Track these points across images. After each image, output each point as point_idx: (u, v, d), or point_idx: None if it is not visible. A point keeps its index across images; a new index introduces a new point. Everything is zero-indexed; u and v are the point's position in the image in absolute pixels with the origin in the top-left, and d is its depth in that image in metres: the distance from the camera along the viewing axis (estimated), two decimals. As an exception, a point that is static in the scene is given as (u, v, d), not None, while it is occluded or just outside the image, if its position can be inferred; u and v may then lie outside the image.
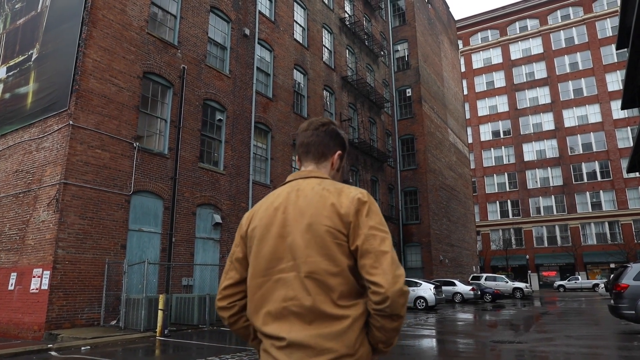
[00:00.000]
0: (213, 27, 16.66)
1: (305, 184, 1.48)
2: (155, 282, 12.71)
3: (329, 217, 1.36)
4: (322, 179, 1.51)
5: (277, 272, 1.38)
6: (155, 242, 13.04)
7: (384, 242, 1.33)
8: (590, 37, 53.89)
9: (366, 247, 1.31)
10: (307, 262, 1.34)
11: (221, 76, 16.52)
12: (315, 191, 1.43)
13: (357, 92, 26.31)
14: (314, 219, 1.37)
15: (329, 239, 1.34)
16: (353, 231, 1.34)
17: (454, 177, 35.99)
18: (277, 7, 20.32)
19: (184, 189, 14.22)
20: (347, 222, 1.35)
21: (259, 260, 1.42)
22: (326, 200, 1.39)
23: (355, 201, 1.37)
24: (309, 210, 1.39)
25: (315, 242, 1.34)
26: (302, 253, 1.35)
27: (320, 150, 1.57)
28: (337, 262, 1.33)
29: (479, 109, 59.27)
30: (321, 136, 1.58)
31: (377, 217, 1.38)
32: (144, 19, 13.75)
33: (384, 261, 1.29)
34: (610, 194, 48.96)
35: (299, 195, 1.44)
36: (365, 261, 1.30)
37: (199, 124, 15.20)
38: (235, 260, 1.53)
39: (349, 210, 1.36)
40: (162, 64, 14.15)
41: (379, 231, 1.34)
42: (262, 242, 1.43)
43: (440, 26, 38.65)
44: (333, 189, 1.44)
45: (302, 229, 1.37)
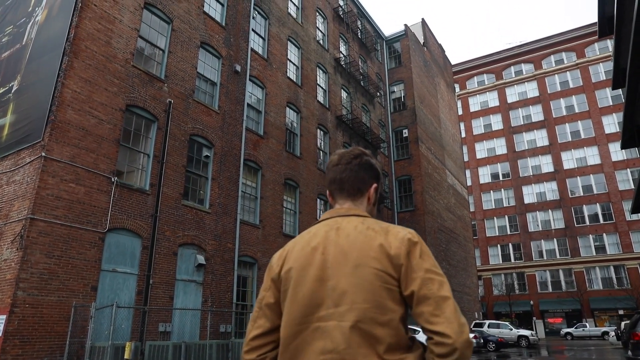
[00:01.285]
0: (203, 62, 16.40)
1: (345, 222, 1.37)
2: (129, 328, 11.69)
3: (377, 258, 1.25)
4: (364, 217, 1.40)
5: (316, 320, 1.25)
6: (130, 283, 12.12)
7: (442, 286, 1.23)
8: (585, 80, 54.52)
9: (424, 293, 1.20)
10: (353, 309, 1.20)
11: (209, 112, 16.09)
12: (359, 230, 1.32)
13: (352, 131, 25.97)
14: (361, 260, 1.25)
15: (378, 283, 1.22)
16: (406, 275, 1.23)
17: (453, 219, 35.15)
18: (270, 45, 20.24)
19: (165, 228, 13.42)
20: (397, 264, 1.24)
21: (295, 306, 1.29)
22: (373, 240, 1.29)
23: (405, 241, 1.28)
24: (354, 251, 1.27)
25: (362, 286, 1.22)
26: (347, 299, 1.22)
27: (356, 186, 1.47)
28: (386, 309, 1.21)
29: (477, 152, 59.16)
30: (355, 170, 1.47)
31: (430, 259, 1.29)
32: (130, 52, 13.43)
33: (446, 308, 1.19)
34: (614, 237, 47.88)
35: (340, 234, 1.33)
36: (424, 308, 1.19)
37: (184, 159, 14.61)
38: (265, 306, 1.40)
39: (400, 252, 1.26)
40: (147, 98, 13.72)
41: (436, 274, 1.25)
42: (299, 285, 1.30)
43: (437, 69, 39.00)
44: (379, 228, 1.34)
45: (347, 272, 1.25)
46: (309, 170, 21.08)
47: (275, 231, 18.06)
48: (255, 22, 19.64)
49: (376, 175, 1.54)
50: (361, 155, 1.52)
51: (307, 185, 20.65)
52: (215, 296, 14.70)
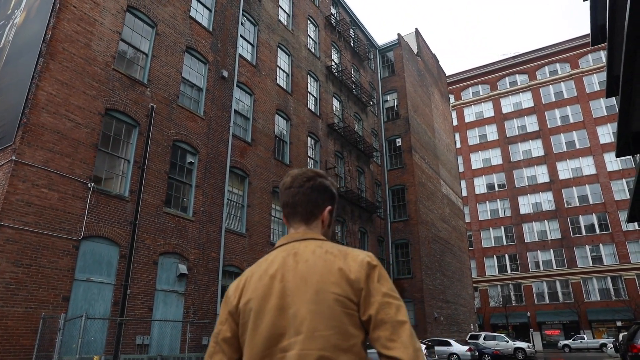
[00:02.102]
0: (188, 67, 16.08)
1: (303, 246, 1.33)
2: (103, 341, 11.16)
3: (337, 283, 1.22)
4: (321, 241, 1.37)
5: (279, 352, 1.20)
6: (106, 294, 11.61)
7: (399, 311, 1.21)
8: (579, 91, 54.58)
9: (381, 317, 1.19)
10: (315, 337, 1.17)
11: (194, 117, 15.72)
12: (317, 255, 1.29)
13: (344, 140, 25.63)
14: (321, 286, 1.22)
15: (339, 309, 1.19)
16: (365, 299, 1.21)
17: (448, 229, 34.71)
18: (259, 52, 19.97)
19: (145, 236, 12.95)
20: (358, 288, 1.22)
21: (257, 339, 1.23)
22: (332, 264, 1.26)
23: (365, 265, 1.26)
24: (313, 276, 1.24)
25: (324, 313, 1.19)
26: (309, 326, 1.18)
27: (309, 210, 1.43)
28: (348, 335, 1.18)
29: (473, 162, 58.95)
30: (307, 194, 1.43)
31: (388, 283, 1.26)
32: (111, 55, 13.09)
33: (402, 333, 1.16)
34: (610, 247, 47.49)
35: (298, 259, 1.29)
36: (381, 333, 1.17)
37: (166, 166, 14.19)
38: (222, 341, 1.34)
39: (360, 276, 1.23)
40: (128, 102, 13.34)
41: (393, 299, 1.23)
42: (260, 317, 1.25)
43: (431, 78, 38.87)
44: (337, 251, 1.30)
45: (307, 299, 1.21)
46: (299, 178, 20.66)
47: (263, 240, 17.59)
48: (244, 29, 19.39)
49: (330, 197, 1.49)
50: (314, 177, 1.47)
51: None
52: (197, 307, 14.18)
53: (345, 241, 23.53)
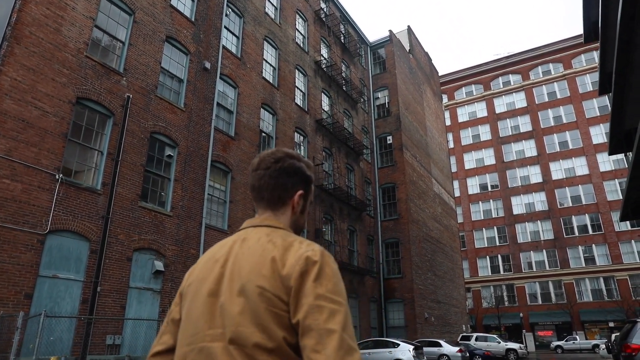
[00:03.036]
0: (168, 57, 15.50)
1: (253, 233, 1.24)
2: (70, 341, 10.55)
3: (266, 277, 1.11)
4: (275, 229, 1.25)
5: (201, 340, 1.12)
6: (74, 291, 11.00)
7: (333, 317, 1.04)
8: (572, 91, 54.42)
9: (308, 323, 1.04)
10: (237, 332, 1.08)
11: (174, 109, 15.14)
12: (260, 243, 1.19)
13: (332, 136, 25.11)
14: (250, 277, 1.12)
15: (263, 305, 1.08)
16: (294, 299, 1.08)
17: (440, 229, 34.26)
18: (245, 44, 19.42)
19: (118, 230, 12.35)
20: (288, 286, 1.09)
21: (187, 324, 1.17)
22: (268, 255, 1.14)
23: (302, 260, 1.12)
24: (247, 265, 1.14)
25: (248, 307, 1.09)
26: (233, 319, 1.09)
27: (276, 195, 1.31)
28: (273, 335, 1.06)
29: (466, 162, 58.65)
30: (274, 176, 1.31)
31: (329, 283, 1.09)
32: (84, 42, 12.50)
33: (329, 344, 1.01)
34: (603, 248, 47.27)
35: (243, 246, 1.20)
36: (307, 341, 1.03)
37: (143, 158, 13.60)
38: (171, 322, 1.29)
39: (292, 272, 1.10)
40: (102, 91, 12.75)
41: (328, 302, 1.06)
42: (194, 301, 1.19)
43: (423, 76, 38.46)
44: (281, 242, 1.18)
45: (236, 289, 1.12)
46: (285, 174, 20.13)
47: (246, 237, 17.01)
48: (228, 20, 18.84)
49: (302, 180, 1.36)
50: (284, 158, 1.35)
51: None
52: (175, 306, 13.57)
53: (333, 239, 23.00)
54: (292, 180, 1.33)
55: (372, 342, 18.48)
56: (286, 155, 1.37)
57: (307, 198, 1.40)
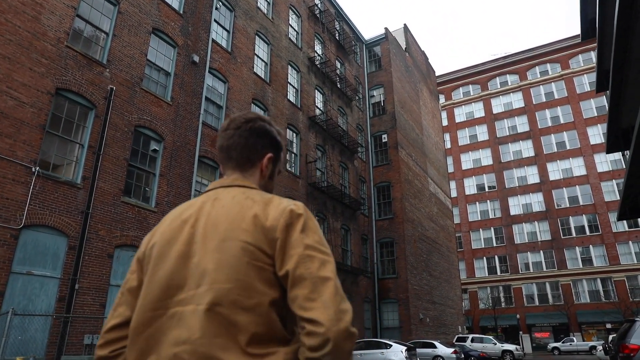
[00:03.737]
0: (155, 49, 15.10)
1: (225, 193, 1.20)
2: (45, 341, 10.13)
3: (248, 230, 1.08)
4: (248, 188, 1.22)
5: (175, 304, 1.06)
6: (50, 288, 10.58)
7: (325, 266, 1.04)
8: (569, 92, 54.17)
9: (300, 272, 1.02)
10: (212, 289, 1.02)
11: (160, 102, 14.74)
12: (236, 200, 1.16)
13: (326, 134, 24.72)
14: (229, 233, 1.08)
15: (245, 260, 1.04)
16: (281, 251, 1.06)
17: (435, 228, 33.88)
18: (236, 39, 19.03)
19: (99, 226, 11.94)
20: (272, 238, 1.07)
21: (152, 288, 1.10)
22: (248, 210, 1.12)
23: (286, 213, 1.11)
24: (224, 222, 1.10)
25: (227, 263, 1.04)
26: (208, 278, 1.04)
27: (245, 155, 1.29)
28: (253, 292, 1.02)
29: (463, 163, 58.35)
30: (244, 136, 1.29)
31: (315, 235, 1.10)
32: (64, 31, 12.09)
33: (324, 291, 1.00)
34: (600, 249, 46.94)
35: (215, 205, 1.16)
36: (299, 291, 1.01)
37: (126, 152, 13.19)
38: (127, 291, 1.21)
39: (277, 224, 1.09)
40: (84, 82, 12.34)
41: (318, 252, 1.06)
42: (160, 263, 1.12)
43: (419, 75, 38.12)
44: (260, 198, 1.17)
45: (213, 247, 1.07)
46: (276, 171, 19.73)
47: (235, 235, 16.61)
48: (219, 14, 18.45)
49: (272, 143, 1.33)
50: (255, 119, 1.31)
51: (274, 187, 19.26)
52: (158, 305, 13.16)
53: (326, 238, 22.59)
54: (262, 141, 1.31)
55: (364, 343, 18.08)
56: (258, 117, 1.34)
57: (277, 164, 1.37)
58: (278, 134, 1.38)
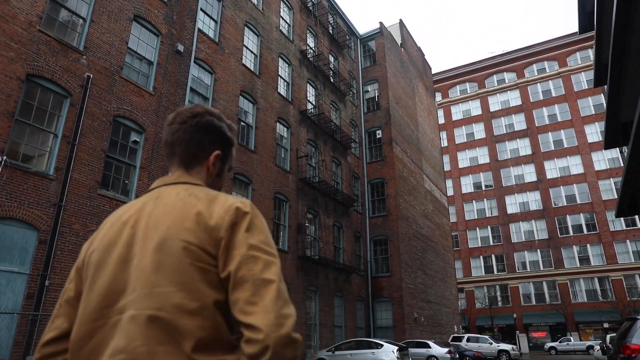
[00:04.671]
0: (136, 37, 14.51)
1: (168, 190, 1.14)
2: (10, 340, 9.55)
3: (190, 230, 1.01)
4: (192, 185, 1.16)
5: (117, 313, 0.99)
6: (18, 285, 10.00)
7: (268, 267, 0.98)
8: (567, 89, 53.74)
9: (242, 274, 0.96)
10: (152, 293, 0.96)
11: (141, 92, 14.16)
12: (180, 197, 1.09)
13: (318, 128, 24.16)
14: (170, 232, 1.02)
15: (188, 261, 0.98)
16: (225, 252, 1.00)
17: (431, 226, 33.36)
18: (223, 29, 18.46)
19: (72, 220, 11.36)
20: (217, 238, 1.01)
21: (93, 297, 1.03)
22: (191, 208, 1.06)
23: (232, 211, 1.05)
24: (166, 221, 1.04)
25: (168, 264, 0.98)
26: (148, 281, 0.97)
27: (191, 152, 1.21)
28: (197, 294, 0.96)
29: (460, 161, 57.87)
30: (189, 132, 1.21)
31: (261, 234, 1.04)
32: (37, 15, 11.51)
33: (266, 294, 0.93)
34: (598, 248, 46.51)
35: (157, 204, 1.10)
36: (240, 294, 0.95)
37: (104, 143, 12.61)
38: (65, 302, 1.14)
39: (222, 222, 1.03)
40: (58, 69, 11.76)
41: (262, 253, 1.00)
42: (99, 270, 1.06)
43: (415, 71, 37.59)
44: (203, 195, 1.10)
45: (153, 247, 1.01)
46: (265, 166, 19.16)
47: (221, 231, 16.05)
48: (205, 2, 17.87)
49: (221, 140, 1.25)
50: (203, 114, 1.24)
51: (261, 182, 18.71)
52: (137, 303, 12.60)
53: (317, 235, 22.05)
54: (209, 138, 1.24)
55: (355, 343, 17.54)
56: (206, 111, 1.26)
57: (226, 161, 1.29)
58: (229, 129, 1.31)
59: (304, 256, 20.01)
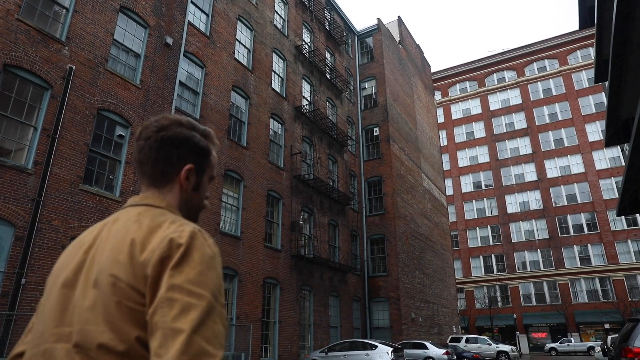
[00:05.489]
0: (122, 29, 14.10)
1: (126, 213, 1.07)
2: (-17, 340, 9.14)
3: (121, 264, 0.94)
4: (151, 208, 1.07)
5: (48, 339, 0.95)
6: (-8, 283, 9.59)
7: (185, 313, 0.85)
8: (568, 88, 53.25)
9: (155, 321, 0.87)
10: (83, 330, 0.91)
11: (128, 85, 13.74)
12: (127, 224, 1.02)
13: (313, 125, 23.74)
14: (104, 265, 0.95)
15: (115, 299, 0.91)
16: (149, 291, 0.91)
17: (429, 225, 32.91)
18: (215, 22, 18.05)
19: (52, 216, 10.95)
20: (144, 275, 0.92)
21: (39, 321, 1.01)
22: (129, 237, 0.97)
23: (165, 243, 0.93)
24: (106, 251, 0.98)
25: (100, 300, 0.92)
26: (81, 316, 0.93)
27: (159, 170, 1.12)
28: (123, 335, 0.89)
29: (460, 160, 57.40)
30: (155, 148, 1.11)
31: (193, 270, 0.90)
32: (15, 3, 11.10)
33: (171, 347, 0.83)
34: (599, 248, 46.01)
35: (112, 229, 1.04)
36: (152, 343, 0.86)
37: (87, 137, 12.20)
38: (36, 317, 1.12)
39: (150, 257, 0.92)
40: (38, 59, 11.35)
41: (185, 294, 0.87)
42: (49, 293, 1.03)
43: (413, 68, 37.15)
44: (148, 222, 1.00)
45: (92, 280, 0.96)
46: (257, 162, 18.74)
47: (211, 228, 15.64)
48: (196, -5, 17.46)
49: (193, 151, 1.14)
50: (169, 126, 1.13)
51: (253, 178, 18.29)
52: (121, 302, 12.18)
53: (312, 234, 21.61)
54: (179, 152, 1.12)
55: (348, 344, 17.11)
56: (173, 122, 1.15)
57: (203, 173, 1.17)
58: (204, 136, 1.19)
59: (298, 255, 19.59)
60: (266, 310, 17.70)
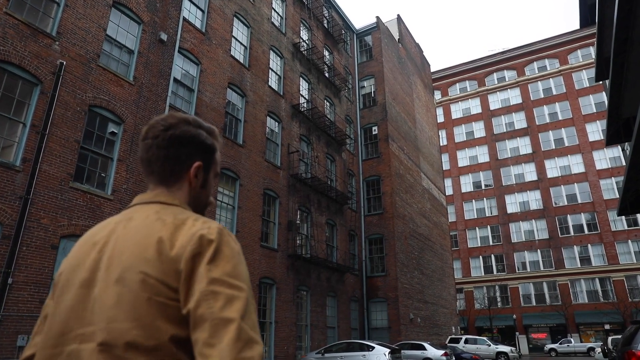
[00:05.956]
0: (115, 25, 13.86)
1: (141, 211, 1.06)
2: (-33, 341, 8.89)
3: (150, 260, 0.94)
4: (167, 205, 1.08)
5: (72, 341, 0.93)
6: (-23, 283, 9.35)
7: (230, 304, 0.88)
8: (568, 87, 53.01)
9: (201, 313, 0.88)
10: (107, 328, 0.90)
11: (121, 81, 13.50)
12: (147, 222, 1.02)
13: (311, 123, 23.49)
14: (131, 262, 0.95)
15: (145, 295, 0.91)
16: (184, 286, 0.91)
17: (428, 225, 32.66)
18: (211, 19, 17.80)
19: (41, 214, 10.71)
20: (177, 270, 0.92)
21: (55, 321, 0.98)
22: (154, 235, 0.97)
23: (195, 239, 0.95)
24: (129, 249, 0.97)
25: (126, 298, 0.91)
26: (106, 314, 0.91)
27: (168, 168, 1.12)
28: (153, 331, 0.89)
29: (459, 160, 57.16)
30: (163, 147, 1.12)
31: (228, 264, 0.93)
32: (4, -3, 10.86)
33: (225, 335, 0.84)
34: (599, 248, 45.76)
35: (128, 227, 1.03)
36: (198, 335, 0.87)
37: (78, 134, 11.96)
38: (44, 318, 1.10)
39: (182, 252, 0.93)
40: (27, 54, 11.11)
41: (226, 287, 0.90)
42: (64, 293, 1.01)
43: (413, 67, 36.91)
44: (171, 219, 1.01)
45: (115, 278, 0.94)
46: (254, 160, 18.50)
47: (205, 227, 15.39)
48: (192, -9, 17.22)
49: (201, 149, 1.16)
50: (176, 124, 1.14)
51: (249, 177, 18.04)
52: (112, 302, 11.94)
53: (309, 233, 21.37)
54: (187, 149, 1.14)
55: (345, 345, 16.87)
56: (180, 120, 1.16)
57: (210, 170, 1.20)
58: (209, 133, 1.21)
59: (295, 254, 19.35)
60: (262, 311, 17.47)
